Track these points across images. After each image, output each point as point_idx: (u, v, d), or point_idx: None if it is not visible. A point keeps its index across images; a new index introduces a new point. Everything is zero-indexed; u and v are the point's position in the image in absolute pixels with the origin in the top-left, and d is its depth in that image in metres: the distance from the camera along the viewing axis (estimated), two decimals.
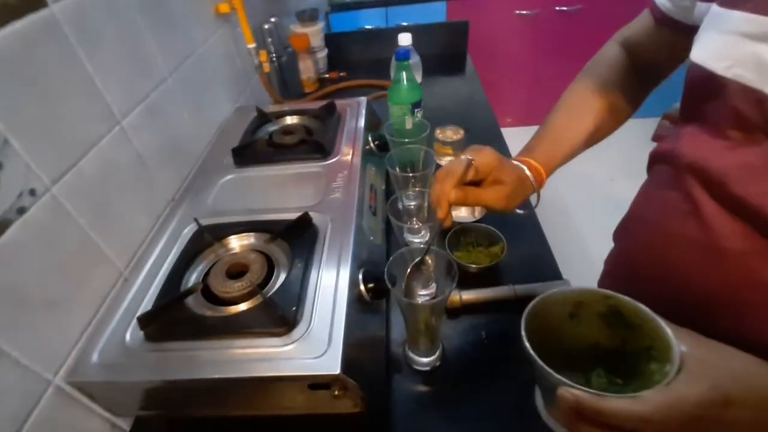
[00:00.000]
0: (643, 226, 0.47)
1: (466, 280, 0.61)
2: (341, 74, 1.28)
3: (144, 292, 0.50)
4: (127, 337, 0.45)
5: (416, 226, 0.64)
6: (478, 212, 0.73)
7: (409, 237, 0.65)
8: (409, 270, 0.49)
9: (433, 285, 0.56)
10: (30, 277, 0.41)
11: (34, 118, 0.43)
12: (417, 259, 0.49)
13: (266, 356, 0.42)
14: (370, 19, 1.97)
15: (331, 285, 0.48)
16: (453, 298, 0.59)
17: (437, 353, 0.54)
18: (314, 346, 0.42)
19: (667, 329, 0.32)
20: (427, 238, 0.64)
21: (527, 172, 0.49)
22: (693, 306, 0.38)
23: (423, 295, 0.55)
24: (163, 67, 0.68)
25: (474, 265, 0.63)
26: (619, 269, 0.54)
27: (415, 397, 0.51)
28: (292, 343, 0.43)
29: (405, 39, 0.87)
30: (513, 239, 0.66)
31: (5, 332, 0.38)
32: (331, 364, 0.40)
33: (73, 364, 0.44)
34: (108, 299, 0.51)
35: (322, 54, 1.30)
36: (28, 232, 0.41)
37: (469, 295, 0.60)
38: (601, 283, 0.59)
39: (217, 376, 0.41)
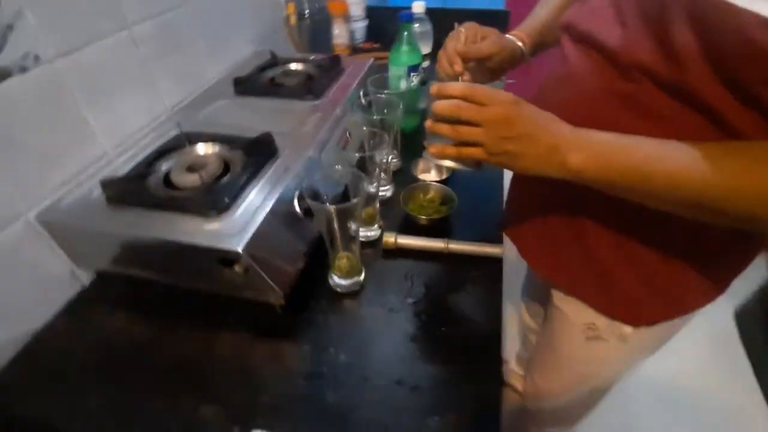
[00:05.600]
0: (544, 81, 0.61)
1: (414, 230, 0.65)
2: (375, 45, 1.33)
3: (120, 170, 0.59)
4: (94, 196, 0.54)
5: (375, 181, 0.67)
6: (445, 173, 0.76)
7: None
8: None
9: None
10: (23, 126, 0.51)
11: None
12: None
13: (191, 230, 0.49)
14: (429, 1, 1.99)
15: (266, 191, 0.54)
16: (388, 240, 0.63)
17: (355, 279, 0.58)
18: (230, 230, 0.48)
19: None
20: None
21: (508, 35, 0.64)
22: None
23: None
24: None
25: (423, 217, 0.66)
26: None
27: (326, 311, 0.56)
28: (214, 223, 0.49)
29: (419, 6, 0.90)
30: (471, 201, 0.70)
31: None
32: (235, 243, 0.46)
33: (45, 207, 0.53)
34: (90, 168, 0.60)
35: (362, 24, 1.35)
36: (24, 89, 0.50)
37: (403, 240, 0.63)
38: None
39: (142, 234, 0.49)
